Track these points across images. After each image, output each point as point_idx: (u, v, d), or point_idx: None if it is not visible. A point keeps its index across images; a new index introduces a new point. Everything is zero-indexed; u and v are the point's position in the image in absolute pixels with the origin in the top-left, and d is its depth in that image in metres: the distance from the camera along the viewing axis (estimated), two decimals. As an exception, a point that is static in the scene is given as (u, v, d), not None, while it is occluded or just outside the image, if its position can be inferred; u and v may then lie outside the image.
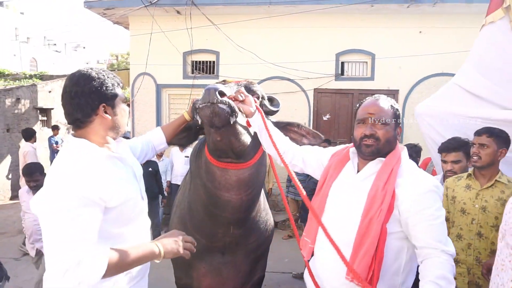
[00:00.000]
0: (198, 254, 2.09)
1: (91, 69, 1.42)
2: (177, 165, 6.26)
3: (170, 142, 1.95)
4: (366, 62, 7.78)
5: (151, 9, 7.29)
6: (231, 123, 1.61)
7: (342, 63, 7.82)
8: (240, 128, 1.69)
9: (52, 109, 10.71)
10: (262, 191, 2.18)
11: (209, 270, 2.15)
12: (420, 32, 7.46)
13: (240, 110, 1.66)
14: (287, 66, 7.57)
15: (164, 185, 6.29)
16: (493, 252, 2.15)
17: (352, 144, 1.69)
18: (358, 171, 1.60)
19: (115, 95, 1.42)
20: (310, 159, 1.75)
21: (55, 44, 34.14)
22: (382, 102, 1.58)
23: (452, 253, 1.38)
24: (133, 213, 1.45)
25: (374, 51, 7.59)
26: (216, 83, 1.92)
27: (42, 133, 10.24)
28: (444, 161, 2.50)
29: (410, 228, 1.42)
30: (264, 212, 2.20)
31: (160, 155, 6.25)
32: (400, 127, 1.61)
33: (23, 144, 7.53)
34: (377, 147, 1.51)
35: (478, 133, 2.28)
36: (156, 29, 7.51)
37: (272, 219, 2.38)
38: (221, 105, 1.54)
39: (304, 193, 1.67)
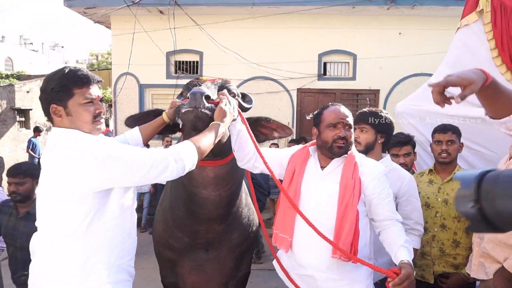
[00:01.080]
0: (181, 251, 2.12)
1: (65, 68, 1.46)
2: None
3: (146, 141, 1.97)
4: (348, 62, 7.94)
5: (134, 9, 7.23)
6: None
7: (325, 63, 7.96)
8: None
9: (31, 109, 10.46)
10: (245, 187, 2.21)
11: (194, 267, 2.17)
12: (399, 33, 7.67)
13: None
14: (271, 66, 7.64)
15: (149, 185, 6.27)
16: (455, 242, 2.32)
17: (310, 143, 1.91)
18: (321, 167, 1.82)
19: (67, 96, 1.42)
20: (271, 160, 1.87)
21: (31, 43, 33.28)
22: (345, 110, 1.82)
23: (400, 220, 1.74)
24: (127, 194, 1.54)
25: (355, 51, 7.76)
26: (191, 81, 1.96)
27: (20, 134, 9.99)
28: (396, 155, 2.61)
29: (373, 206, 1.73)
30: (247, 208, 2.22)
31: None
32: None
33: None
34: (346, 148, 1.77)
35: (443, 130, 2.39)
36: (138, 29, 7.45)
37: (256, 216, 2.38)
38: (203, 110, 1.60)
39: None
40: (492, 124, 2.10)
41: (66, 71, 1.44)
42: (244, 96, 2.11)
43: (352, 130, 1.82)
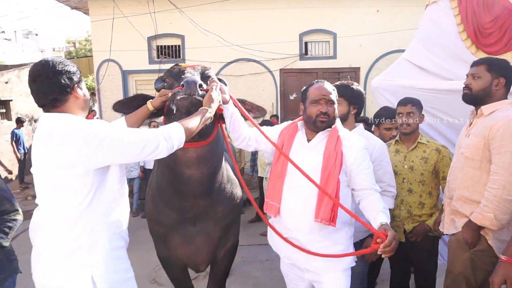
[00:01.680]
0: (171, 226, 2.29)
1: (57, 57, 1.62)
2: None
3: None
4: (329, 41, 8.08)
5: (112, -6, 7.15)
6: None
7: (306, 43, 8.07)
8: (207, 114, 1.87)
9: (11, 100, 10.25)
10: (227, 165, 2.35)
11: (184, 240, 2.32)
12: (377, 11, 7.81)
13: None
14: (253, 48, 7.72)
15: (138, 171, 6.37)
16: (420, 204, 2.56)
17: (298, 118, 2.06)
18: (308, 140, 1.98)
19: (81, 78, 1.63)
20: (262, 137, 2.01)
21: (3, 32, 31.97)
22: (328, 86, 1.95)
23: (379, 190, 1.89)
24: (121, 176, 1.68)
25: (335, 30, 7.89)
26: (172, 67, 2.08)
27: (2, 126, 9.83)
28: (376, 126, 2.79)
29: (353, 176, 1.89)
30: (229, 183, 2.35)
31: None
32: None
33: None
34: (328, 122, 1.91)
35: (403, 103, 2.55)
36: (118, 14, 7.39)
37: (240, 190, 2.53)
38: (197, 97, 1.75)
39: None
40: (457, 95, 2.31)
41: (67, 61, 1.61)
42: (220, 80, 2.24)
43: (336, 105, 1.92)
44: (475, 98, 2.07)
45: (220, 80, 2.25)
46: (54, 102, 1.55)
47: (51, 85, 1.52)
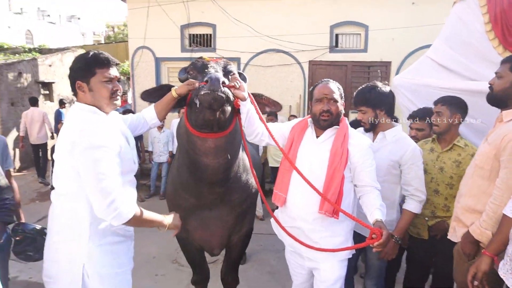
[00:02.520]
0: (189, 210, 2.43)
1: (89, 51, 1.76)
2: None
3: (161, 117, 2.21)
4: (360, 34, 7.94)
5: (148, -17, 7.39)
6: (224, 107, 1.93)
7: (336, 35, 7.99)
8: (227, 108, 1.98)
9: (53, 82, 10.89)
10: (244, 155, 2.45)
11: (200, 224, 2.48)
12: (412, 3, 7.58)
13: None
14: (282, 39, 7.75)
15: (167, 155, 6.65)
16: (445, 207, 2.53)
17: (308, 116, 2.17)
18: (316, 136, 2.09)
19: (90, 74, 1.68)
20: (275, 132, 2.14)
21: (49, 15, 33.45)
22: (332, 85, 2.05)
23: (379, 188, 1.98)
24: (128, 165, 1.79)
25: (367, 23, 7.74)
26: (195, 60, 2.18)
27: (45, 106, 10.48)
28: (410, 127, 2.80)
29: (356, 173, 2.00)
30: (245, 173, 2.47)
31: (160, 127, 6.56)
32: (344, 103, 2.10)
33: (31, 109, 8.19)
34: (331, 120, 2.02)
35: (435, 103, 2.54)
36: (153, 3, 7.63)
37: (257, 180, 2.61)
38: (220, 93, 1.84)
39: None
40: (483, 96, 2.27)
41: (91, 53, 1.73)
42: (239, 75, 2.35)
43: (339, 103, 2.03)
44: (495, 99, 1.98)
45: (240, 74, 2.36)
46: (75, 94, 1.76)
47: (70, 80, 1.75)
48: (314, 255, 2.01)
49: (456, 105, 2.49)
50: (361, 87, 2.42)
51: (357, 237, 2.19)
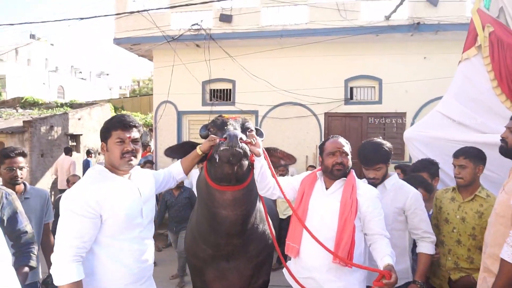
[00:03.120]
0: (206, 261, 2.48)
1: (117, 115, 1.97)
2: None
3: (187, 172, 2.36)
4: (374, 86, 8.22)
5: (173, 44, 8.02)
6: (242, 162, 2.08)
7: (351, 88, 8.28)
8: (245, 163, 2.13)
9: (81, 135, 11.50)
10: (261, 206, 2.51)
11: (217, 275, 2.49)
12: (424, 58, 7.88)
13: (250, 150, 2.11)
14: (299, 92, 8.09)
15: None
16: (469, 258, 2.48)
17: (317, 169, 2.28)
18: (326, 188, 2.18)
19: (107, 136, 1.85)
20: (285, 186, 2.24)
21: (80, 72, 35.91)
22: (342, 140, 2.19)
23: (388, 236, 2.06)
24: (125, 224, 1.79)
25: (381, 76, 8.04)
26: (215, 118, 2.35)
27: (72, 157, 10.99)
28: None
29: (366, 222, 2.09)
30: (262, 224, 2.51)
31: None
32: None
33: (63, 156, 9.03)
34: (343, 171, 2.14)
35: (455, 155, 2.55)
36: (177, 61, 8.22)
37: (273, 231, 2.64)
38: (238, 149, 1.99)
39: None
40: (493, 148, 2.32)
41: (113, 118, 1.93)
42: (257, 130, 2.50)
43: (349, 156, 2.17)
44: (510, 152, 2.05)
45: (257, 130, 2.53)
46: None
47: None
48: None
49: (478, 157, 2.52)
50: (369, 146, 2.43)
51: None
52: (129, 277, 1.82)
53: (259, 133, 2.50)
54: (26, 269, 2.09)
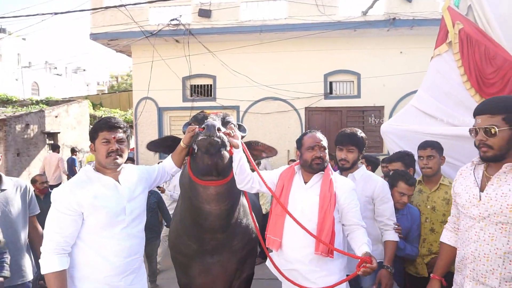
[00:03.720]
0: (191, 256, 2.50)
1: (104, 117, 2.07)
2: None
3: (179, 165, 2.38)
4: (353, 81, 8.38)
5: (152, 39, 7.92)
6: (221, 152, 2.10)
7: (330, 83, 8.41)
8: (225, 154, 2.16)
9: (59, 132, 11.23)
10: (244, 201, 2.57)
11: (202, 270, 2.50)
12: (401, 52, 8.08)
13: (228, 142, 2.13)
14: (279, 88, 8.16)
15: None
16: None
17: (295, 163, 2.33)
18: (305, 182, 2.24)
19: (95, 137, 1.98)
20: (265, 180, 2.26)
21: (55, 68, 34.85)
22: (320, 135, 2.25)
23: (364, 226, 2.15)
24: (106, 221, 1.88)
25: (359, 71, 8.20)
26: (197, 114, 2.39)
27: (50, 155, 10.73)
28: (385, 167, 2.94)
29: (344, 213, 2.17)
30: (245, 218, 2.55)
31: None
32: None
33: (51, 153, 9.27)
34: (322, 165, 2.20)
35: (422, 147, 2.70)
36: (156, 57, 8.13)
37: (256, 225, 2.68)
38: (216, 138, 2.01)
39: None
40: (464, 140, 2.43)
41: (100, 120, 2.04)
42: (239, 126, 2.53)
43: (326, 151, 2.23)
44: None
45: (239, 126, 2.56)
46: None
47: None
48: None
49: (441, 148, 2.73)
50: (347, 130, 2.61)
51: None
52: (110, 270, 1.91)
53: (242, 129, 2.53)
54: (0, 279, 2.10)
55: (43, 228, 1.94)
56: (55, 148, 9.25)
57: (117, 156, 1.96)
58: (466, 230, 1.77)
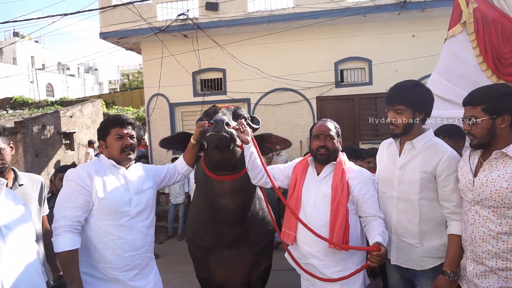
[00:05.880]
0: (209, 250, 2.53)
1: (113, 115, 2.13)
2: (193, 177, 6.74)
3: (190, 164, 2.41)
4: (364, 68, 8.23)
5: (161, 35, 7.94)
6: (231, 147, 2.10)
7: (341, 70, 8.29)
8: (236, 149, 2.16)
9: (74, 132, 11.43)
10: (260, 194, 2.56)
11: (220, 263, 2.54)
12: (413, 36, 7.88)
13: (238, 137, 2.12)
14: (290, 78, 8.08)
15: (183, 197, 6.81)
16: None
17: (308, 154, 2.28)
18: (317, 173, 2.18)
19: (106, 134, 2.03)
20: (278, 174, 2.27)
21: (68, 68, 35.41)
22: (329, 124, 2.17)
23: (383, 218, 2.06)
24: (111, 209, 1.93)
25: (370, 57, 8.03)
26: (208, 108, 2.38)
27: (66, 155, 10.95)
28: None
29: (359, 205, 2.08)
30: (261, 211, 2.52)
31: None
32: (341, 140, 2.21)
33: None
34: (328, 155, 2.12)
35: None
36: (166, 53, 8.15)
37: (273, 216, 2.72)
38: (224, 134, 2.01)
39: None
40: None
41: (110, 117, 2.08)
42: (252, 118, 2.52)
43: (335, 140, 2.13)
44: None
45: (253, 118, 2.55)
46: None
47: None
48: None
49: (456, 133, 2.64)
50: (400, 83, 2.07)
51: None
52: (108, 260, 1.94)
53: (255, 121, 2.52)
54: None
55: None
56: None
57: (130, 151, 2.03)
58: (465, 214, 1.82)
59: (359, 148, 3.82)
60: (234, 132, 2.07)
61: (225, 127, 2.02)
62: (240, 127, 2.09)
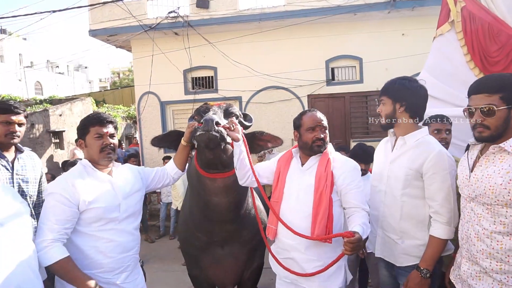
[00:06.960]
0: (202, 248, 2.52)
1: (93, 112, 2.04)
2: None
3: (181, 167, 2.38)
4: (355, 66, 8.28)
5: (151, 33, 7.87)
6: (221, 146, 2.08)
7: (332, 69, 8.33)
8: (227, 147, 2.15)
9: (64, 131, 11.28)
10: (253, 192, 2.52)
11: (213, 261, 2.54)
12: (402, 34, 7.95)
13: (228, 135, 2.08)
14: (281, 76, 8.09)
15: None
16: None
17: (292, 146, 2.23)
18: (302, 164, 2.14)
19: (85, 132, 1.96)
20: (264, 171, 2.23)
21: (57, 66, 34.91)
22: (320, 114, 2.11)
23: (368, 210, 1.98)
24: (99, 216, 1.87)
25: (361, 55, 8.09)
26: (200, 106, 2.36)
27: (56, 154, 10.81)
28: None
29: (343, 195, 2.01)
30: (253, 209, 2.50)
31: None
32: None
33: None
34: (324, 147, 2.08)
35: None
36: (156, 51, 8.09)
37: (265, 215, 2.70)
38: (214, 133, 1.99)
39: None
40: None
41: (89, 115, 2.00)
42: (245, 116, 2.51)
43: (327, 131, 2.09)
44: None
45: (246, 115, 2.53)
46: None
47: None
48: (311, 285, 2.02)
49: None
50: (393, 79, 2.10)
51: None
52: (102, 265, 1.91)
53: (248, 118, 2.50)
54: None
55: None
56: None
57: (111, 151, 1.96)
58: (461, 211, 1.76)
59: (369, 148, 3.37)
60: (224, 131, 2.05)
61: (215, 126, 2.01)
62: (231, 125, 2.07)
